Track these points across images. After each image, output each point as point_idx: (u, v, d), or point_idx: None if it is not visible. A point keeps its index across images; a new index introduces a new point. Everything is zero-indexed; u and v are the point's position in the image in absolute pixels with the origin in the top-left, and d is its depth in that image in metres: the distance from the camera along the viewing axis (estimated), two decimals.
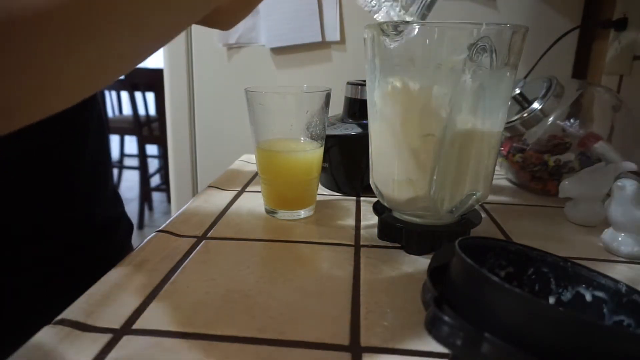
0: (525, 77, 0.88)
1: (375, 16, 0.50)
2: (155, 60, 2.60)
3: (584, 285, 0.31)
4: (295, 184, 0.56)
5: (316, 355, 0.31)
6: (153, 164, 3.44)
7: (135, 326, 0.33)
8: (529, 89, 0.70)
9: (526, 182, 0.69)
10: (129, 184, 3.63)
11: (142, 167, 3.07)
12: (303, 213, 0.57)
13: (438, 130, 0.42)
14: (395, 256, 0.46)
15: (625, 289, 0.29)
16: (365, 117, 0.51)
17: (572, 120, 0.66)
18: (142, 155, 3.05)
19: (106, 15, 0.25)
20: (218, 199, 0.62)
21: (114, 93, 3.48)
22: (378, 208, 0.52)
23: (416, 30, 0.40)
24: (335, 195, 0.66)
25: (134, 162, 3.36)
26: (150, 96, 3.08)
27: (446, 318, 0.24)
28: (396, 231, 0.48)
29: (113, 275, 0.41)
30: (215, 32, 1.01)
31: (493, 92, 0.43)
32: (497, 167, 0.56)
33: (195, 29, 1.06)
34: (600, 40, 0.89)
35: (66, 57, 0.24)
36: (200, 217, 0.55)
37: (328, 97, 0.54)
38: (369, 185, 0.51)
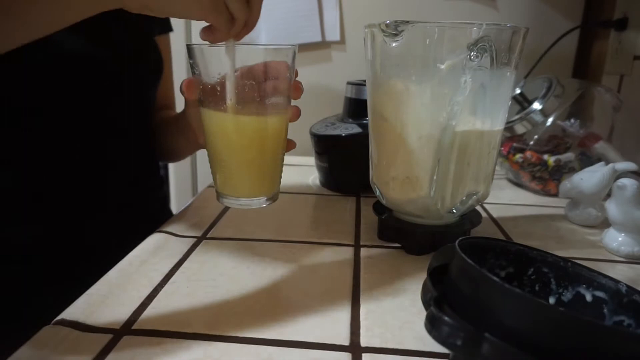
0: (525, 77, 0.88)
1: None
2: None
3: (584, 286, 0.31)
4: (246, 160, 0.42)
5: (316, 355, 0.31)
6: None
7: (135, 326, 0.33)
8: (529, 89, 0.70)
9: (526, 182, 0.69)
10: None
11: None
12: (250, 202, 0.43)
13: (438, 130, 0.42)
14: (395, 256, 0.46)
15: (625, 289, 0.29)
16: (365, 117, 0.51)
17: (572, 120, 0.66)
18: None
19: None
20: None
21: None
22: (378, 208, 0.52)
23: (416, 30, 0.40)
24: (335, 195, 0.66)
25: None
26: None
27: (446, 318, 0.24)
28: (396, 231, 0.48)
29: (113, 275, 0.41)
30: None
31: (493, 92, 0.42)
32: (497, 167, 0.56)
33: (195, 28, 1.06)
34: (600, 40, 0.89)
35: None
36: (200, 217, 0.55)
37: (294, 54, 0.42)
38: (369, 185, 0.51)
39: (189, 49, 0.41)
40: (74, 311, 0.35)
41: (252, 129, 0.42)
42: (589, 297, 0.31)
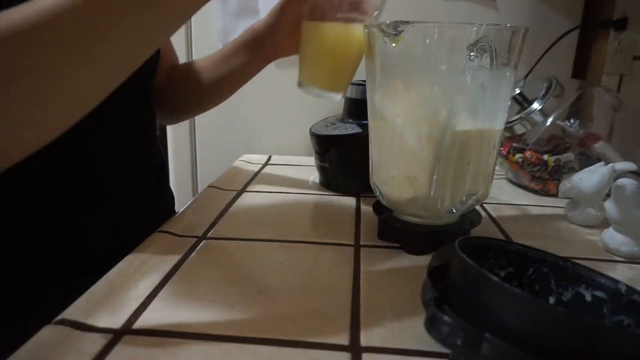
0: (525, 77, 0.88)
1: None
2: None
3: (584, 285, 0.31)
4: (335, 59, 0.52)
5: (316, 355, 0.31)
6: None
7: (135, 326, 0.33)
8: (529, 89, 0.70)
9: (526, 182, 0.69)
10: None
11: None
12: (330, 95, 0.53)
13: (438, 130, 0.42)
14: (395, 256, 0.46)
15: (625, 289, 0.29)
16: (365, 117, 0.51)
17: (572, 120, 0.66)
18: None
19: (110, 22, 0.26)
20: (218, 199, 0.62)
21: None
22: (378, 208, 0.52)
23: (416, 31, 0.40)
24: (335, 195, 0.66)
25: None
26: None
27: (446, 318, 0.24)
28: (396, 231, 0.48)
29: (113, 275, 0.41)
30: (215, 32, 1.01)
31: (493, 92, 0.43)
32: (497, 167, 0.56)
33: (195, 28, 1.06)
34: (600, 40, 0.89)
35: (62, 71, 0.26)
36: (200, 217, 0.55)
37: None
38: (369, 185, 0.51)
39: None
40: (74, 311, 0.35)
41: (346, 36, 0.51)
42: (588, 297, 0.31)
